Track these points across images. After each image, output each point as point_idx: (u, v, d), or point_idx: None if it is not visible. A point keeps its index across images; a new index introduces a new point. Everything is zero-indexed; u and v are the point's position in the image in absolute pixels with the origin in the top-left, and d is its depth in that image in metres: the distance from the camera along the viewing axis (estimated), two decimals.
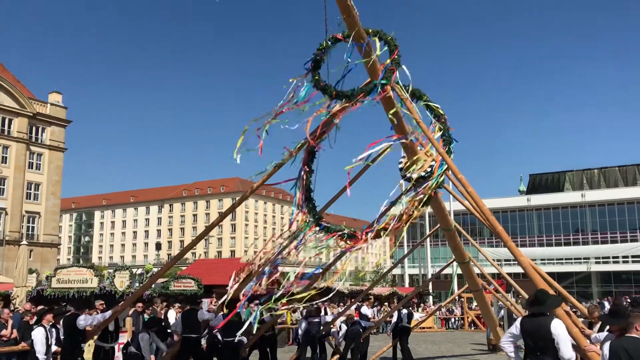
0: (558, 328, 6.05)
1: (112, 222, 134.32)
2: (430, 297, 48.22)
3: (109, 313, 10.43)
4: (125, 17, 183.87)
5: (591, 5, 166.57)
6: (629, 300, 25.60)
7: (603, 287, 66.27)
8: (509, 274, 18.36)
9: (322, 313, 17.42)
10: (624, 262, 65.65)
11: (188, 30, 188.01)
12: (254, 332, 12.75)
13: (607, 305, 24.85)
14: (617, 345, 5.08)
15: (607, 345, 5.19)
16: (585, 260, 67.18)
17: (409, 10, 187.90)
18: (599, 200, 67.63)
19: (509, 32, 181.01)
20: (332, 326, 15.40)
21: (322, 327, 14.48)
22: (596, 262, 66.87)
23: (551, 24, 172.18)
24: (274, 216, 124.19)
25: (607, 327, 8.11)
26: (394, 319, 17.65)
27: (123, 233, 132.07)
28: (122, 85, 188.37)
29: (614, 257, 65.92)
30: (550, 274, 13.52)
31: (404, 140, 8.89)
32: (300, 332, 14.99)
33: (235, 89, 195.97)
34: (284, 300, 8.77)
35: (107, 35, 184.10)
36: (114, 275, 20.39)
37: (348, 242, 8.74)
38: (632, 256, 64.57)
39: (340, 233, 8.80)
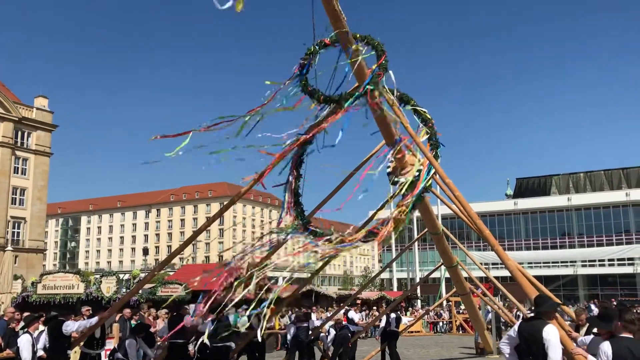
0: (550, 333, 6.04)
1: (99, 227, 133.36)
2: (419, 301, 48.27)
3: (95, 319, 10.34)
4: (112, 21, 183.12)
5: (582, 5, 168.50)
6: (615, 303, 25.82)
7: (589, 290, 66.75)
8: (497, 278, 18.50)
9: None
10: (609, 265, 66.21)
11: (175, 33, 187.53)
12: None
13: (593, 308, 25.02)
14: (620, 346, 5.11)
15: (606, 345, 5.21)
16: (571, 264, 67.68)
17: (393, 18, 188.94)
18: (585, 204, 68.20)
19: (496, 36, 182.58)
20: (320, 331, 15.38)
21: (310, 332, 14.47)
22: (582, 266, 67.38)
23: (539, 27, 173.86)
24: (262, 220, 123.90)
25: (594, 330, 8.17)
26: (383, 323, 17.67)
27: (110, 238, 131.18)
28: (109, 89, 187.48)
29: (600, 260, 66.47)
30: (537, 278, 13.63)
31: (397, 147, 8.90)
32: (289, 337, 14.96)
33: (223, 92, 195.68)
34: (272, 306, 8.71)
35: (94, 39, 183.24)
36: (101, 281, 20.20)
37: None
38: (618, 259, 65.15)
39: (328, 237, 8.79)
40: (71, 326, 10.09)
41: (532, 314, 6.62)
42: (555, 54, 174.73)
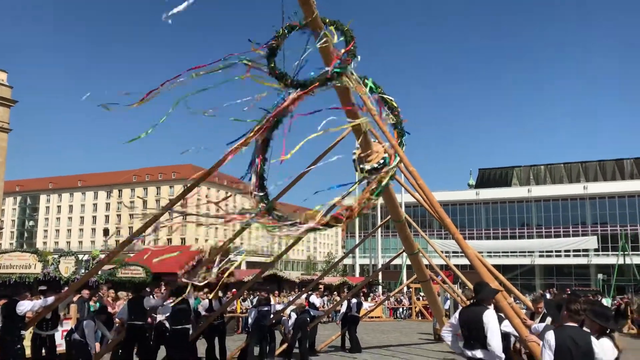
0: (489, 317, 6.30)
1: (59, 207, 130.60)
2: (380, 287, 48.84)
3: (51, 299, 10.14)
4: None
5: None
6: (569, 292, 26.56)
7: (546, 279, 68.57)
8: (456, 266, 18.75)
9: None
10: (565, 256, 68.07)
11: (140, 10, 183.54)
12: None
13: (548, 297, 25.68)
14: (563, 335, 5.27)
15: (550, 334, 5.37)
16: (529, 254, 69.34)
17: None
18: (544, 196, 69.82)
19: (462, 27, 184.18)
20: (282, 315, 15.43)
21: (272, 316, 14.50)
22: (540, 256, 69.11)
23: (505, 18, 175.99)
24: (226, 204, 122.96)
25: (548, 319, 8.38)
26: (344, 308, 17.82)
27: (70, 218, 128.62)
28: (71, 65, 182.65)
29: (556, 251, 68.26)
30: (496, 266, 13.91)
31: (349, 108, 8.77)
32: (250, 320, 14.96)
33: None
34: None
35: (55, 11, 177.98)
36: (59, 261, 19.80)
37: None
38: (574, 250, 67.00)
39: (292, 222, 8.77)
40: (25, 306, 9.88)
41: (472, 301, 6.84)
42: (520, 48, 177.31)
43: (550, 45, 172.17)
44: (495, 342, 6.17)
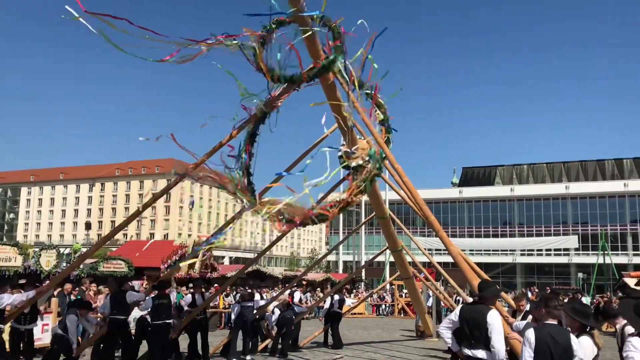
0: (494, 318, 6.15)
1: (40, 200, 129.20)
2: (363, 284, 48.94)
3: (32, 293, 10.04)
4: None
5: None
6: (548, 290, 26.87)
7: (527, 278, 69.16)
8: (439, 263, 18.87)
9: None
10: (546, 254, 68.74)
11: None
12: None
13: (530, 295, 25.95)
14: (543, 333, 5.33)
15: (530, 331, 5.42)
16: (511, 252, 69.91)
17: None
18: (526, 195, 70.40)
19: (441, 25, 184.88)
20: (265, 310, 15.42)
21: (255, 311, 14.49)
22: (521, 254, 69.70)
23: (491, 14, 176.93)
24: (210, 199, 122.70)
25: (530, 317, 8.48)
26: (327, 305, 17.85)
27: (51, 211, 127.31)
28: (54, 56, 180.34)
29: (537, 250, 68.88)
30: (478, 264, 14.00)
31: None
32: (233, 316, 14.93)
33: (172, 65, 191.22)
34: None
35: (40, 4, 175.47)
36: (40, 254, 19.62)
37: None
38: (555, 249, 67.67)
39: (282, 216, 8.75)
40: (6, 299, 9.77)
41: (475, 298, 6.73)
42: (507, 46, 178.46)
43: (536, 44, 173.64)
44: (499, 344, 6.05)
